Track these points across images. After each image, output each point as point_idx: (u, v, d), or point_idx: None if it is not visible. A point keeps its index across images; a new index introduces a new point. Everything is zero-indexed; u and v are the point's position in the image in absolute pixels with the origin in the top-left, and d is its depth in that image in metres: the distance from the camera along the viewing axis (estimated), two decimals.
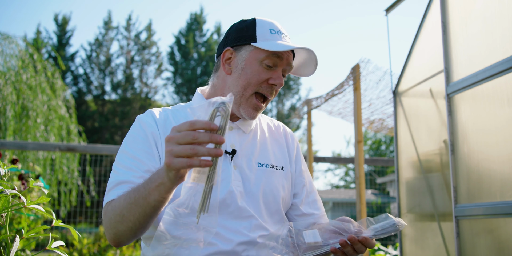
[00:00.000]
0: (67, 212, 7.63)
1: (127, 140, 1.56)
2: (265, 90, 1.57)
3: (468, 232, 2.71)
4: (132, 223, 1.33)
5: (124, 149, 1.53)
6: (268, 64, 1.56)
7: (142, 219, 1.32)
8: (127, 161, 1.49)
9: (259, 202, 1.54)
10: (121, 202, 1.35)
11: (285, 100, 30.50)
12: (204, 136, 1.07)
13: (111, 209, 1.39)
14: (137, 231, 1.37)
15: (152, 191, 1.25)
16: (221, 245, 1.44)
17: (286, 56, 1.58)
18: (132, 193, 1.32)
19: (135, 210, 1.30)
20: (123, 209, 1.33)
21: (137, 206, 1.30)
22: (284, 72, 1.61)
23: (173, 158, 1.10)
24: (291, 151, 1.73)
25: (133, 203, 1.30)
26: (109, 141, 25.51)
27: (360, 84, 4.08)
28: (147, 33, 28.88)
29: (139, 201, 1.29)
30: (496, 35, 2.59)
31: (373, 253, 4.89)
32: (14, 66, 7.95)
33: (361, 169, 3.99)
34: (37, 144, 5.80)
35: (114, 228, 1.37)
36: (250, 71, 1.56)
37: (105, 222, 1.41)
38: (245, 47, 1.59)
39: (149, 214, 1.31)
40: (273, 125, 1.78)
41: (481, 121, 2.65)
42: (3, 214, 1.15)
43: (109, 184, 1.47)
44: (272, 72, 1.57)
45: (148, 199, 1.26)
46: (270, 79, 1.56)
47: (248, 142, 1.63)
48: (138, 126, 1.58)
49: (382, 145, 27.04)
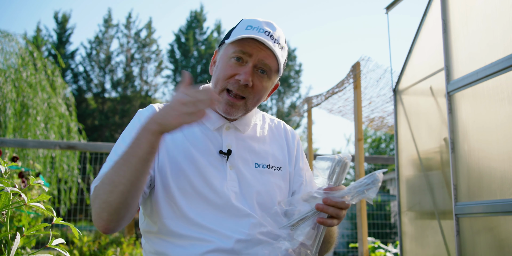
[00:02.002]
0: (67, 210, 7.63)
1: (124, 133, 1.57)
2: (232, 86, 1.52)
3: (468, 230, 2.71)
4: (123, 186, 1.31)
5: (119, 142, 1.54)
6: (236, 57, 1.53)
7: (133, 179, 1.32)
8: (120, 152, 1.48)
9: (254, 202, 1.54)
10: (108, 173, 1.36)
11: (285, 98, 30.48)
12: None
13: (99, 187, 1.37)
14: (129, 197, 1.34)
15: (140, 144, 1.32)
16: (220, 243, 1.44)
17: (255, 51, 1.52)
18: (119, 159, 1.35)
19: (125, 171, 1.32)
20: (112, 176, 1.34)
21: (127, 166, 1.32)
22: (262, 68, 1.54)
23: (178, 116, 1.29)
24: (291, 151, 1.71)
25: (122, 164, 1.33)
26: (109, 139, 25.51)
27: (360, 82, 4.08)
28: (147, 31, 28.86)
29: (129, 159, 1.32)
30: (496, 33, 2.59)
31: (373, 251, 4.90)
32: (14, 64, 7.94)
33: (361, 167, 3.99)
34: (37, 142, 5.80)
35: (105, 203, 1.33)
36: (220, 67, 1.56)
37: (94, 203, 1.37)
38: (222, 46, 1.61)
39: (140, 169, 1.32)
40: (273, 124, 1.76)
41: (482, 119, 2.65)
42: (3, 212, 1.15)
43: (99, 174, 1.47)
44: (241, 67, 1.52)
45: (137, 153, 1.32)
46: (236, 74, 1.52)
47: (245, 142, 1.62)
48: (136, 119, 1.59)
49: (382, 143, 27.03)
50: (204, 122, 1.60)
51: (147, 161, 1.33)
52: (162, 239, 1.49)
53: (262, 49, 1.53)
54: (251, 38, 1.51)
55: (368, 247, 4.87)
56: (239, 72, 1.52)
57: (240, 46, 1.53)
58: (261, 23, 1.57)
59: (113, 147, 1.55)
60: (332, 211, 1.34)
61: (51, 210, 1.22)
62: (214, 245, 1.43)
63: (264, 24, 1.57)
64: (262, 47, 1.53)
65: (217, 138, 1.59)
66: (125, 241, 5.20)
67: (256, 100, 1.58)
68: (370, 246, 4.94)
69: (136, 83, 28.51)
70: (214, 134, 1.60)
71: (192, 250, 1.43)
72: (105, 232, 1.39)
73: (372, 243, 5.03)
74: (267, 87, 1.59)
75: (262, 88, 1.56)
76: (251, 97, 1.55)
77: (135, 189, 1.34)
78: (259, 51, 1.53)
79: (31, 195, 3.24)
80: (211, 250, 1.43)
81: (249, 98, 1.55)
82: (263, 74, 1.55)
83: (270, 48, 1.52)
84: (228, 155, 1.56)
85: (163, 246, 1.48)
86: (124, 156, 1.34)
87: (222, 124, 1.61)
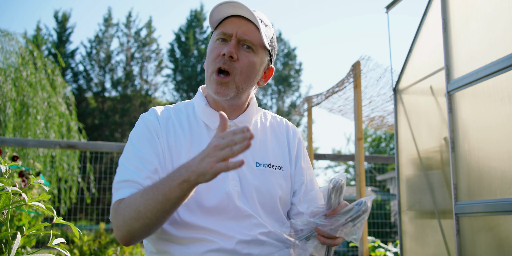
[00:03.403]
0: (67, 209, 7.64)
1: (133, 138, 1.55)
2: (219, 63, 1.53)
3: (469, 229, 2.71)
4: (149, 220, 1.32)
5: (131, 148, 1.52)
6: (219, 38, 1.55)
7: (160, 215, 1.33)
8: (134, 160, 1.48)
9: (255, 202, 1.53)
10: (136, 199, 1.35)
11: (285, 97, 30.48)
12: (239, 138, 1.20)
13: (124, 207, 1.37)
14: (153, 227, 1.36)
15: (173, 188, 1.27)
16: (222, 243, 1.44)
17: (236, 25, 1.54)
18: (150, 190, 1.33)
19: (153, 206, 1.31)
20: (140, 205, 1.33)
21: (156, 202, 1.30)
22: (245, 43, 1.54)
23: (215, 163, 1.21)
24: (292, 150, 1.69)
25: (151, 199, 1.31)
26: (109, 138, 25.51)
27: (360, 81, 4.08)
28: (147, 30, 28.86)
29: (158, 197, 1.30)
30: (497, 32, 2.59)
31: (373, 251, 4.90)
32: (14, 63, 7.93)
33: (361, 166, 4.00)
34: (37, 141, 5.80)
35: (127, 225, 1.35)
36: (208, 52, 1.59)
37: (117, 220, 1.39)
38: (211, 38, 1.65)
39: (167, 210, 1.32)
40: (275, 122, 1.74)
41: (482, 119, 2.65)
42: (4, 211, 1.15)
43: (117, 182, 1.46)
44: (225, 45, 1.54)
45: (168, 195, 1.28)
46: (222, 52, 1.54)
47: None
48: (142, 123, 1.58)
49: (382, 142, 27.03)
50: (205, 122, 1.60)
51: (176, 205, 1.32)
52: (164, 239, 1.49)
53: (242, 25, 1.54)
54: (231, 16, 1.55)
55: (368, 246, 4.87)
56: (223, 49, 1.53)
57: (220, 28, 1.56)
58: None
59: (124, 152, 1.53)
60: (324, 240, 1.36)
61: (51, 210, 1.22)
62: (216, 245, 1.43)
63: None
64: (241, 23, 1.55)
65: None
66: None
67: (245, 76, 1.55)
68: (370, 245, 4.94)
69: (136, 82, 28.50)
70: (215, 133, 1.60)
71: (194, 249, 1.44)
72: (127, 245, 1.42)
73: (372, 242, 5.03)
74: (254, 62, 1.56)
75: (248, 62, 1.54)
76: (238, 72, 1.53)
77: (159, 222, 1.36)
78: (240, 27, 1.54)
79: (31, 194, 3.24)
80: (213, 250, 1.43)
81: (236, 74, 1.53)
82: (248, 49, 1.55)
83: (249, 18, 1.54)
84: None
85: (165, 245, 1.48)
86: (155, 190, 1.32)
87: None
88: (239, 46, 1.54)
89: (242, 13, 1.54)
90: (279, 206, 1.59)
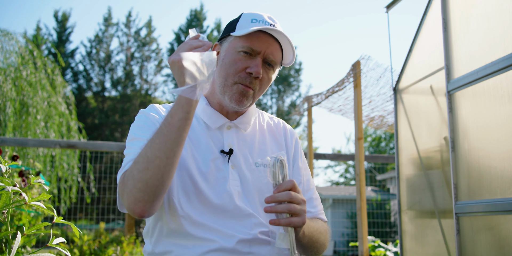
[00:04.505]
0: (67, 208, 7.64)
1: (134, 129, 1.55)
2: (244, 80, 1.53)
3: (469, 229, 2.71)
4: (159, 160, 1.30)
5: (133, 137, 1.52)
6: (245, 51, 1.53)
7: (168, 151, 1.31)
8: (138, 144, 1.46)
9: (256, 202, 1.54)
10: (140, 154, 1.33)
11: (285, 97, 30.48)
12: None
13: (130, 169, 1.34)
14: (165, 173, 1.31)
15: (174, 113, 1.32)
16: (222, 242, 1.44)
17: (265, 44, 1.54)
18: (151, 136, 1.35)
19: (160, 143, 1.31)
20: (146, 152, 1.32)
21: (161, 137, 1.31)
22: (269, 62, 1.56)
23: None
24: (289, 150, 1.70)
25: (154, 139, 1.32)
26: (109, 138, 25.52)
27: (360, 81, 4.08)
28: (147, 29, 28.86)
29: (162, 131, 1.32)
30: (497, 32, 2.59)
31: (373, 250, 4.90)
32: (14, 63, 7.93)
33: (361, 166, 4.00)
34: (37, 140, 5.80)
35: (139, 182, 1.30)
36: (228, 60, 1.55)
37: (125, 185, 1.34)
38: (226, 38, 1.60)
39: (174, 139, 1.31)
40: (273, 122, 1.76)
41: (482, 118, 2.65)
42: (4, 211, 1.15)
43: (123, 165, 1.45)
44: (250, 60, 1.54)
45: (172, 121, 1.31)
46: (247, 67, 1.53)
47: (246, 141, 1.62)
48: (142, 116, 1.59)
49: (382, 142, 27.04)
50: (205, 121, 1.60)
51: (181, 130, 1.32)
52: (164, 239, 1.49)
53: (270, 44, 1.55)
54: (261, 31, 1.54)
55: (368, 246, 4.87)
56: (249, 65, 1.53)
57: (249, 42, 1.53)
58: (264, 17, 1.59)
59: (127, 143, 1.52)
60: (282, 208, 1.34)
61: (51, 209, 1.22)
62: (217, 245, 1.43)
63: (267, 17, 1.59)
64: (270, 41, 1.55)
65: (218, 137, 1.59)
66: (125, 240, 5.20)
67: (261, 93, 1.61)
68: (370, 245, 4.94)
69: (136, 81, 28.51)
70: (216, 133, 1.60)
71: (194, 250, 1.44)
72: (143, 215, 1.34)
73: (372, 242, 5.03)
74: (272, 79, 1.62)
75: (268, 80, 1.59)
76: (257, 89, 1.57)
77: (171, 162, 1.32)
78: (268, 46, 1.54)
79: (31, 194, 3.24)
80: (213, 250, 1.43)
81: (256, 90, 1.57)
82: (269, 67, 1.58)
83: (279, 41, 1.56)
84: (230, 154, 1.56)
85: (165, 245, 1.48)
86: (154, 132, 1.34)
87: (223, 123, 1.61)
88: (262, 63, 1.56)
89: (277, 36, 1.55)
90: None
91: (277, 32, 1.53)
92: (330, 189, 18.35)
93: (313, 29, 47.81)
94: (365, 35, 46.84)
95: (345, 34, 47.96)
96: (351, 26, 47.40)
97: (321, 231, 1.58)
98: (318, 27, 48.01)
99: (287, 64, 1.66)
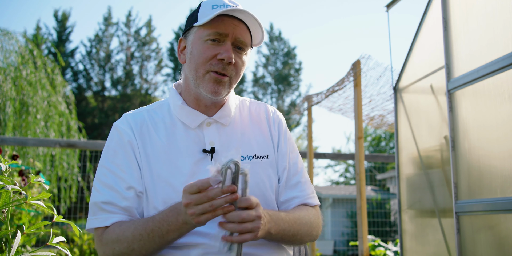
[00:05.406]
0: (67, 208, 7.63)
1: (106, 154, 1.52)
2: (216, 66, 1.47)
3: (469, 228, 2.71)
4: (142, 255, 1.39)
5: (104, 164, 1.50)
6: (212, 39, 1.48)
7: (155, 252, 1.39)
8: (108, 178, 1.47)
9: None
10: (127, 236, 1.37)
11: (285, 96, 30.48)
12: (216, 193, 1.22)
13: (112, 240, 1.40)
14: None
15: (171, 232, 1.33)
16: (211, 243, 1.41)
17: (230, 26, 1.48)
18: (143, 230, 1.36)
19: (149, 246, 1.36)
20: (133, 243, 1.37)
21: (152, 243, 1.36)
22: (239, 44, 1.51)
23: (199, 217, 1.24)
24: (274, 136, 1.63)
25: (146, 240, 1.35)
26: None
27: (360, 80, 4.08)
28: (147, 29, 28.86)
29: (154, 239, 1.35)
30: (497, 31, 2.59)
31: (373, 250, 4.90)
32: (14, 62, 7.93)
33: (361, 165, 3.99)
34: (37, 140, 5.79)
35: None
36: (197, 51, 1.50)
37: (105, 252, 1.42)
38: (190, 31, 1.56)
39: (163, 248, 1.39)
40: (254, 109, 1.68)
41: (482, 117, 2.65)
42: (4, 210, 1.15)
43: (92, 205, 1.47)
44: (219, 47, 1.48)
45: (166, 237, 1.35)
46: (217, 54, 1.47)
47: (228, 136, 1.56)
48: (115, 135, 1.53)
49: (382, 141, 27.04)
50: (183, 121, 1.55)
51: (173, 242, 1.38)
52: None
53: (236, 25, 1.49)
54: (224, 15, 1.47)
55: (368, 245, 4.87)
56: (219, 51, 1.48)
57: (214, 28, 1.48)
58: (224, 0, 1.52)
59: (98, 170, 1.50)
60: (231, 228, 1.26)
61: (51, 208, 1.22)
62: (206, 248, 1.41)
63: (227, 0, 1.52)
64: (236, 23, 1.49)
65: (199, 136, 1.53)
66: None
67: (238, 78, 1.54)
68: (370, 244, 4.94)
69: (136, 81, 28.51)
70: (196, 132, 1.54)
71: (190, 254, 1.41)
72: None
73: (372, 241, 5.03)
74: (245, 62, 1.55)
75: (242, 64, 1.53)
76: (233, 75, 1.51)
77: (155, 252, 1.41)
78: (235, 28, 1.49)
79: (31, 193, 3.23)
80: (205, 253, 1.41)
81: (232, 76, 1.51)
82: (240, 51, 1.52)
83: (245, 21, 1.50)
84: (212, 153, 1.51)
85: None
86: (149, 232, 1.36)
87: (202, 120, 1.55)
88: (232, 48, 1.50)
89: (242, 17, 1.50)
90: (273, 197, 1.55)
91: (241, 12, 1.46)
92: (330, 188, 18.34)
93: (313, 29, 47.82)
94: (365, 35, 46.85)
95: (345, 33, 47.98)
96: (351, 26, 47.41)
97: (302, 222, 1.49)
98: (318, 26, 48.02)
99: (257, 44, 1.59)
